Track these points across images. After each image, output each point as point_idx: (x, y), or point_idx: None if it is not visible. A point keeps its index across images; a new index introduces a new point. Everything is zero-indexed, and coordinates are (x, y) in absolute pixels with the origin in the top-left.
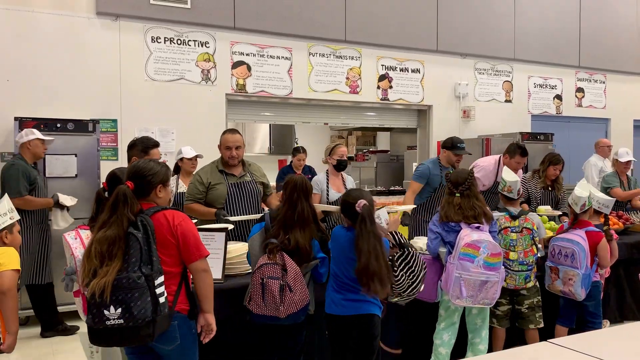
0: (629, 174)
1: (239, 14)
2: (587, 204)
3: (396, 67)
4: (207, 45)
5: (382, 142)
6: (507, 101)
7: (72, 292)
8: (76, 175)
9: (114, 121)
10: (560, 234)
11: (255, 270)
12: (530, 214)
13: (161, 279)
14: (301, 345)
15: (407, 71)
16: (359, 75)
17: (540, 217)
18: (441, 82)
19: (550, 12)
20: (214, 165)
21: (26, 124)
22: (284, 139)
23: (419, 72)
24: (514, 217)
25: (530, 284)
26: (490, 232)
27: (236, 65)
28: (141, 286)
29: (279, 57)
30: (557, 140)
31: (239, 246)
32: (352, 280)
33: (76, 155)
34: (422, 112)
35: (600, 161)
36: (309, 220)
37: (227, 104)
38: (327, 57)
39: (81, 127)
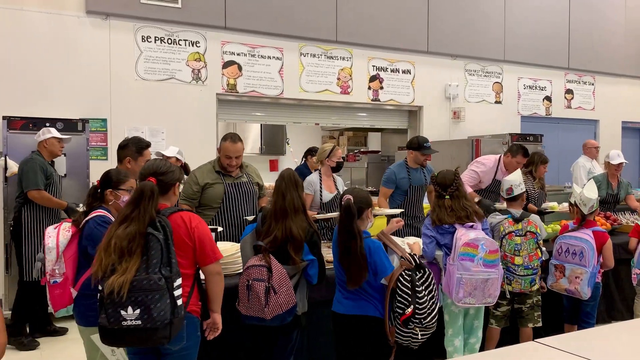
0: (619, 177)
1: (230, 14)
2: (595, 205)
3: (387, 68)
4: (198, 44)
5: (373, 142)
6: (497, 102)
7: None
8: (65, 175)
9: (104, 120)
10: (566, 232)
11: (242, 272)
12: (532, 216)
13: (179, 282)
14: (292, 345)
15: (398, 72)
16: (350, 75)
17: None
18: (431, 83)
19: (539, 14)
20: (211, 165)
21: (14, 123)
22: (275, 139)
23: (410, 73)
24: (517, 220)
25: (535, 287)
26: (482, 230)
27: (227, 65)
28: (162, 288)
29: (270, 57)
30: (547, 141)
31: (228, 246)
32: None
33: (65, 154)
34: (413, 113)
35: (588, 162)
36: (299, 209)
37: (217, 103)
38: (318, 58)
39: (70, 126)
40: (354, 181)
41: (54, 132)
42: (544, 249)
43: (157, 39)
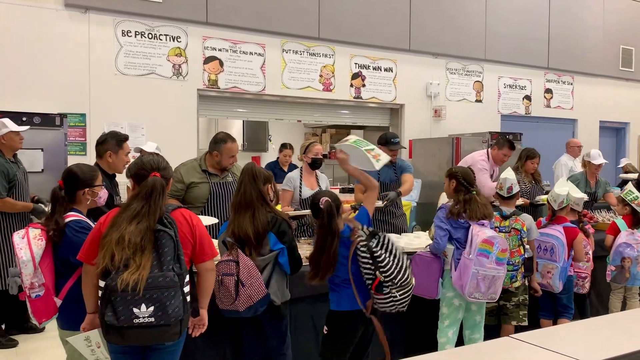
0: (597, 176)
1: (212, 9)
2: (564, 202)
3: (369, 66)
4: (179, 39)
5: None
6: (477, 101)
7: (18, 295)
8: (42, 170)
9: (83, 115)
10: (539, 229)
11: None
12: (523, 215)
13: (187, 278)
14: (282, 336)
15: (380, 70)
16: (333, 73)
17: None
18: (413, 81)
19: (520, 14)
20: (196, 163)
21: None
22: (257, 136)
23: (392, 71)
24: (505, 217)
25: (516, 283)
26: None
27: (208, 60)
28: (176, 285)
29: (252, 53)
30: (526, 140)
31: None
32: (339, 277)
33: (42, 149)
34: (395, 111)
35: (570, 161)
36: (252, 202)
37: (198, 99)
38: (301, 54)
39: (48, 121)
40: (337, 178)
41: (10, 126)
42: (527, 247)
43: (137, 33)
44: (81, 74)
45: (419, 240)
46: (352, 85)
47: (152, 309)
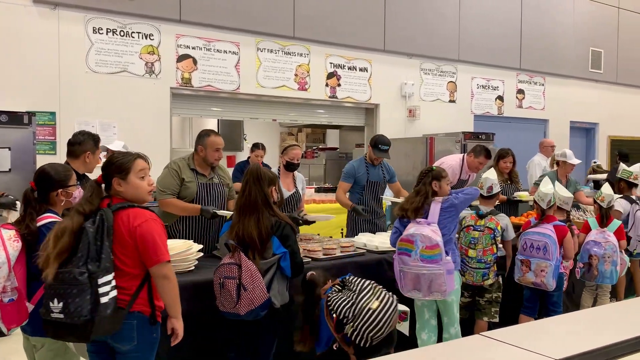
0: (568, 175)
1: (185, 7)
2: (552, 200)
3: (344, 66)
4: (152, 37)
5: (332, 139)
6: (451, 101)
7: None
8: (10, 169)
9: (52, 114)
10: (529, 228)
11: (215, 270)
12: (499, 215)
13: (107, 278)
14: (272, 337)
15: (355, 70)
16: (308, 72)
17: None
18: (388, 81)
19: (493, 16)
20: (186, 162)
21: None
22: (232, 135)
23: (367, 71)
24: (481, 217)
25: (488, 281)
26: (445, 210)
27: (181, 58)
28: (81, 283)
29: (226, 52)
30: (498, 140)
31: (179, 244)
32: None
33: (10, 148)
34: (370, 111)
35: (543, 160)
36: (257, 205)
37: (171, 97)
38: (276, 53)
39: (15, 119)
40: (312, 178)
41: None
42: (500, 245)
43: (109, 30)
44: (51, 71)
45: None
46: (327, 84)
47: (61, 304)
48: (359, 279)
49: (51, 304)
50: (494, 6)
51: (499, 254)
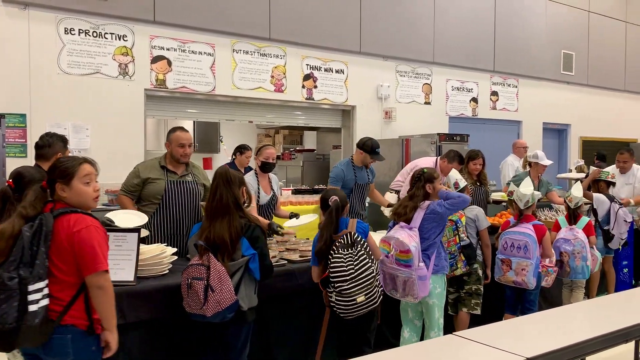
0: (540, 176)
1: (159, 8)
2: (530, 201)
3: (321, 67)
4: (125, 38)
5: (309, 141)
6: (426, 103)
7: None
8: None
9: (23, 116)
10: (508, 228)
11: (183, 271)
12: (470, 207)
13: (39, 285)
14: (244, 342)
15: (332, 71)
16: (284, 73)
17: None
18: (364, 83)
19: (467, 18)
20: (157, 161)
21: None
22: (208, 137)
23: (343, 73)
24: None
25: (457, 271)
26: (428, 215)
27: (156, 59)
28: (10, 288)
29: (201, 53)
30: (473, 141)
31: (153, 247)
32: None
33: None
34: (346, 112)
35: (516, 161)
36: (228, 207)
37: (146, 99)
38: (252, 55)
39: None
40: (290, 179)
41: None
42: (462, 235)
43: (81, 31)
44: (21, 72)
45: None
46: (303, 86)
47: None
48: (363, 250)
49: None
50: (468, 9)
51: (462, 244)
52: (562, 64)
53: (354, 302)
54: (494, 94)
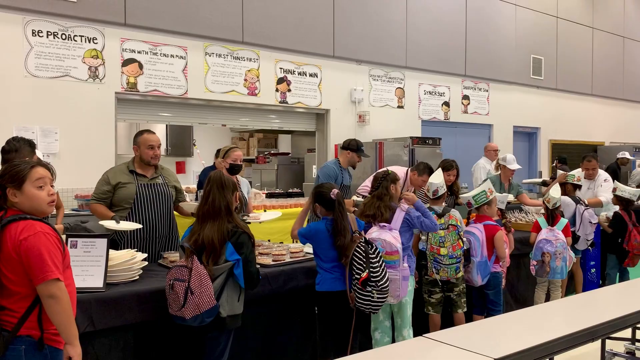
0: (510, 179)
1: (130, 10)
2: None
3: (294, 71)
4: (95, 41)
5: (284, 144)
6: (399, 107)
7: None
8: None
9: None
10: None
11: (167, 272)
12: (452, 210)
13: None
14: (222, 349)
15: (305, 75)
16: (257, 77)
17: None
18: (338, 87)
19: (439, 23)
20: (125, 165)
21: None
22: (181, 140)
23: (317, 77)
24: (440, 215)
25: (460, 274)
26: (404, 219)
27: (127, 62)
28: None
29: (173, 56)
30: (445, 144)
31: (123, 253)
32: (332, 261)
33: None
34: (320, 116)
35: (488, 164)
36: (220, 212)
37: (116, 102)
38: (225, 58)
39: None
40: (264, 183)
41: None
42: (464, 239)
43: (49, 33)
44: None
45: None
46: (277, 90)
47: None
48: (379, 252)
49: None
50: (439, 14)
51: (465, 247)
52: (531, 69)
53: (386, 295)
54: (466, 97)
